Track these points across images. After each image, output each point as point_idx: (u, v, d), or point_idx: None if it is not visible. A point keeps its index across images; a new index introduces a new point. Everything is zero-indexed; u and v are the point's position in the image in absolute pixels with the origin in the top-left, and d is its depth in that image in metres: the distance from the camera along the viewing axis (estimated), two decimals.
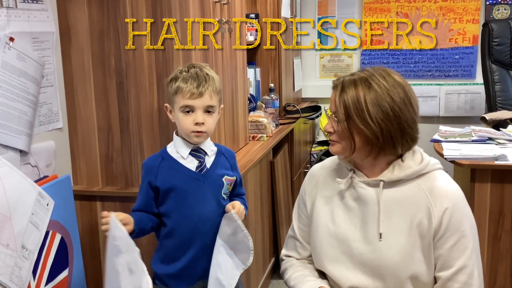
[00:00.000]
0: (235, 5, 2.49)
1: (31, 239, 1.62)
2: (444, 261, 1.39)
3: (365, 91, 1.34)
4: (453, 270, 1.38)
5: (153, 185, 1.62)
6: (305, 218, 1.59)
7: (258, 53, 3.62)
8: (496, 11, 4.18)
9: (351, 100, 1.34)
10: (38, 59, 1.80)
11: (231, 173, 1.70)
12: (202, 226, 1.60)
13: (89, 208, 2.04)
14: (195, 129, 1.58)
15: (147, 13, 1.90)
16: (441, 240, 1.38)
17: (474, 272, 1.39)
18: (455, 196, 1.41)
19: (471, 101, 4.30)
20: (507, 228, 2.31)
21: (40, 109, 1.84)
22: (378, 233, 1.41)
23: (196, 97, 1.56)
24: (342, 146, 1.41)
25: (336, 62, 4.52)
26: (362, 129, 1.34)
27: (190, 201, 1.60)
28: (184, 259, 1.62)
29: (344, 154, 1.44)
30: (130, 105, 1.97)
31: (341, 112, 1.37)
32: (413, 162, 1.43)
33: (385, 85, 1.35)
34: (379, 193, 1.41)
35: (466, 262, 1.38)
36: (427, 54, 4.32)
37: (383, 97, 1.33)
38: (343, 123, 1.37)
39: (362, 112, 1.33)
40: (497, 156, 2.29)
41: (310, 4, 4.49)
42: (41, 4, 1.84)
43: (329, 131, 1.43)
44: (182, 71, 1.62)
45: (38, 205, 1.66)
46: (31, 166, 1.79)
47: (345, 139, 1.39)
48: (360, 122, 1.34)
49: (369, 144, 1.37)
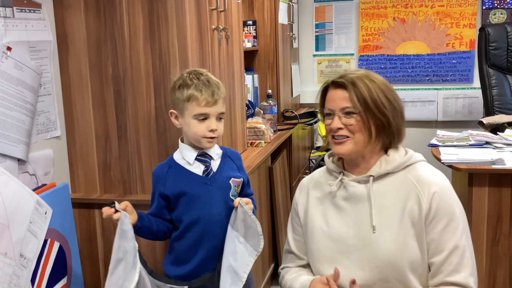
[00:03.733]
0: (232, 12, 2.50)
1: (30, 248, 1.62)
2: (436, 245, 1.42)
3: (372, 84, 1.45)
4: (445, 253, 1.41)
5: (162, 193, 1.64)
6: (299, 228, 1.63)
7: (256, 59, 3.63)
8: (492, 15, 4.19)
9: (367, 92, 1.44)
10: (36, 68, 1.81)
11: (238, 175, 1.72)
12: (212, 228, 1.63)
13: (87, 216, 2.04)
14: (209, 135, 1.61)
15: (144, 20, 1.91)
16: (432, 224, 1.42)
17: (466, 252, 1.42)
18: (442, 181, 1.47)
19: (469, 105, 4.31)
20: (505, 232, 2.31)
21: (38, 118, 1.84)
22: (372, 226, 1.45)
23: (212, 105, 1.60)
24: (356, 140, 1.46)
25: (333, 68, 4.53)
26: (378, 118, 1.44)
27: (199, 204, 1.63)
28: (194, 261, 1.64)
29: (355, 149, 1.47)
30: (127, 113, 1.98)
31: (358, 105, 1.43)
32: (398, 156, 1.50)
33: (382, 80, 1.48)
34: (370, 188, 1.47)
35: (457, 243, 1.41)
36: (425, 59, 4.34)
37: (385, 89, 1.46)
38: (362, 113, 1.43)
39: (376, 102, 1.43)
40: (494, 160, 2.30)
41: (307, 10, 4.51)
42: (38, 13, 1.85)
43: (339, 127, 1.46)
44: (190, 78, 1.62)
45: (36, 213, 1.66)
46: (29, 174, 1.80)
47: (361, 131, 1.45)
48: (377, 110, 1.43)
49: (381, 134, 1.46)
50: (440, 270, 1.41)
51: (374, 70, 4.40)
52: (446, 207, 1.42)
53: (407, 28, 4.33)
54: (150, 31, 1.91)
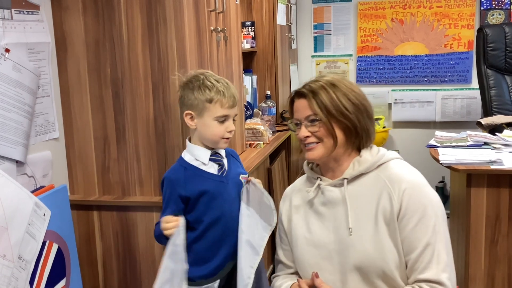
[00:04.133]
0: (231, 14, 2.51)
1: (28, 250, 1.62)
2: (409, 243, 1.42)
3: (333, 89, 1.48)
4: (418, 251, 1.41)
5: (183, 196, 1.63)
6: (284, 237, 1.64)
7: (255, 61, 3.63)
8: (490, 16, 4.20)
9: (327, 99, 1.47)
10: (34, 70, 1.81)
11: (244, 171, 1.76)
12: (232, 225, 1.64)
13: (86, 217, 2.04)
14: (227, 136, 1.65)
15: (142, 22, 1.91)
16: (403, 222, 1.42)
17: (439, 250, 1.41)
18: (413, 178, 1.47)
19: (467, 106, 4.31)
20: (503, 232, 2.31)
21: (36, 120, 1.84)
22: (348, 229, 1.46)
23: (232, 107, 1.64)
24: (324, 145, 1.49)
25: (332, 69, 4.54)
26: (342, 122, 1.46)
27: (220, 203, 1.64)
28: (217, 258, 1.65)
29: (326, 153, 1.49)
30: (126, 114, 1.98)
31: (321, 112, 1.47)
32: (370, 156, 1.52)
33: (346, 84, 1.51)
34: (345, 191, 1.49)
35: (429, 241, 1.40)
36: (423, 60, 4.34)
37: (349, 92, 1.49)
38: (325, 120, 1.46)
39: (338, 107, 1.46)
40: (492, 161, 2.30)
41: (306, 11, 4.51)
42: (36, 15, 1.85)
43: (306, 136, 1.50)
44: (209, 79, 1.63)
45: (35, 215, 1.66)
46: (28, 176, 1.80)
47: (327, 136, 1.48)
48: (340, 115, 1.46)
49: (349, 136, 1.49)
50: (414, 268, 1.42)
51: (373, 70, 4.42)
52: (416, 204, 1.42)
53: (405, 29, 4.34)
54: (148, 32, 1.92)
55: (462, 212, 2.45)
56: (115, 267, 2.04)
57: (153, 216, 1.98)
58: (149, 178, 2.00)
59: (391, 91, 4.43)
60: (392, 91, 4.43)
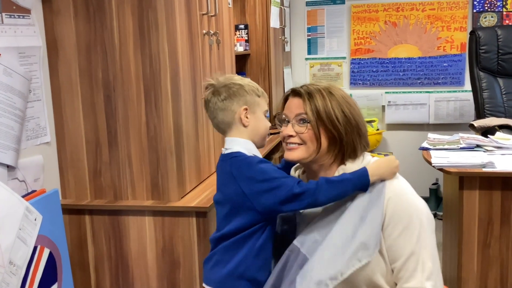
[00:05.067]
0: (223, 17, 2.51)
1: (19, 255, 1.61)
2: (393, 251, 1.41)
3: (330, 97, 1.47)
4: (402, 259, 1.39)
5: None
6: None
7: (248, 63, 3.64)
8: (483, 18, 4.22)
9: (321, 104, 1.45)
10: (25, 74, 1.80)
11: None
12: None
13: (78, 222, 2.03)
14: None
15: (134, 25, 1.91)
16: (388, 230, 1.40)
17: (423, 258, 1.39)
18: (397, 187, 1.45)
19: (461, 108, 4.33)
20: (496, 235, 2.32)
21: (27, 124, 1.84)
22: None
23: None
24: (306, 149, 1.46)
25: (326, 71, 4.54)
26: (329, 130, 1.45)
27: None
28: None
29: (306, 157, 1.47)
30: (118, 118, 1.98)
31: (311, 115, 1.45)
32: (355, 164, 1.49)
33: (342, 95, 1.50)
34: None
35: (413, 249, 1.39)
36: (416, 62, 4.36)
37: (343, 104, 1.47)
38: (314, 123, 1.45)
39: (330, 115, 1.45)
40: (484, 163, 2.31)
41: (299, 14, 4.52)
42: (27, 19, 1.84)
43: (290, 135, 1.48)
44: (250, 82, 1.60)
45: (26, 220, 1.65)
46: (19, 181, 1.79)
47: (312, 141, 1.46)
48: (330, 123, 1.45)
49: (332, 146, 1.47)
50: (399, 277, 1.41)
51: (366, 73, 4.43)
52: (400, 213, 1.40)
53: (399, 32, 4.35)
54: (140, 36, 1.91)
55: (454, 215, 2.45)
56: (107, 271, 2.04)
57: (145, 220, 1.97)
58: (141, 182, 2.00)
59: (384, 94, 4.44)
60: (386, 93, 4.44)
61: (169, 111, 1.93)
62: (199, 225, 1.94)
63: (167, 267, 1.99)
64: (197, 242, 1.95)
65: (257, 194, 1.42)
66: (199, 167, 2.21)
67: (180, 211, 1.95)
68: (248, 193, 1.43)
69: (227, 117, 1.52)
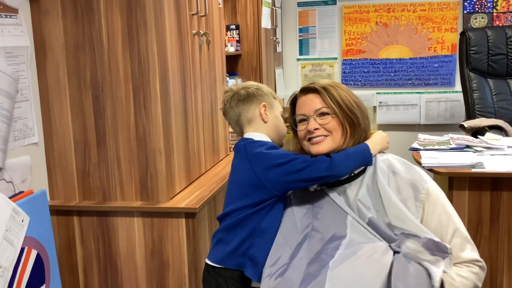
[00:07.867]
0: (213, 17, 2.50)
1: (6, 256, 1.59)
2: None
3: (340, 89, 1.58)
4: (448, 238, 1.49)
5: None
6: None
7: (239, 64, 3.63)
8: (473, 19, 4.24)
9: (338, 95, 1.55)
10: (12, 74, 1.78)
11: None
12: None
13: (66, 223, 2.01)
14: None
15: (123, 26, 1.90)
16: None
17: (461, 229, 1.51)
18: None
19: (451, 108, 4.35)
20: (485, 234, 2.33)
21: (15, 124, 1.82)
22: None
23: None
24: (333, 138, 1.53)
25: (317, 72, 4.55)
26: (349, 117, 1.54)
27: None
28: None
29: (334, 146, 1.53)
30: (106, 119, 1.96)
31: (332, 105, 1.54)
32: None
33: (347, 88, 1.62)
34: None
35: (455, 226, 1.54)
36: (407, 63, 4.37)
37: (352, 95, 1.59)
38: (337, 112, 1.53)
39: (347, 102, 1.55)
40: (474, 164, 2.31)
41: (291, 15, 4.52)
42: (15, 18, 1.82)
43: (315, 128, 1.52)
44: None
45: (13, 221, 1.64)
46: (6, 182, 1.77)
47: (337, 129, 1.53)
48: (348, 110, 1.54)
49: (354, 132, 1.54)
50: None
51: (358, 74, 4.44)
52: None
53: (390, 33, 4.36)
54: (129, 36, 1.90)
55: None
56: (96, 273, 2.02)
57: (134, 221, 1.96)
58: (130, 183, 1.98)
59: (375, 94, 4.45)
60: (377, 94, 4.45)
61: (158, 112, 1.92)
62: (189, 226, 1.93)
63: (156, 268, 1.98)
64: (187, 243, 1.94)
65: (265, 169, 1.50)
66: (189, 168, 2.20)
67: (169, 212, 1.94)
68: (257, 170, 1.51)
69: (248, 113, 1.63)
